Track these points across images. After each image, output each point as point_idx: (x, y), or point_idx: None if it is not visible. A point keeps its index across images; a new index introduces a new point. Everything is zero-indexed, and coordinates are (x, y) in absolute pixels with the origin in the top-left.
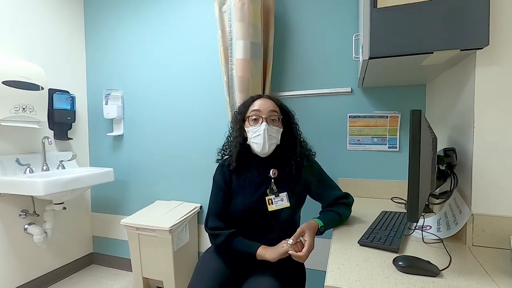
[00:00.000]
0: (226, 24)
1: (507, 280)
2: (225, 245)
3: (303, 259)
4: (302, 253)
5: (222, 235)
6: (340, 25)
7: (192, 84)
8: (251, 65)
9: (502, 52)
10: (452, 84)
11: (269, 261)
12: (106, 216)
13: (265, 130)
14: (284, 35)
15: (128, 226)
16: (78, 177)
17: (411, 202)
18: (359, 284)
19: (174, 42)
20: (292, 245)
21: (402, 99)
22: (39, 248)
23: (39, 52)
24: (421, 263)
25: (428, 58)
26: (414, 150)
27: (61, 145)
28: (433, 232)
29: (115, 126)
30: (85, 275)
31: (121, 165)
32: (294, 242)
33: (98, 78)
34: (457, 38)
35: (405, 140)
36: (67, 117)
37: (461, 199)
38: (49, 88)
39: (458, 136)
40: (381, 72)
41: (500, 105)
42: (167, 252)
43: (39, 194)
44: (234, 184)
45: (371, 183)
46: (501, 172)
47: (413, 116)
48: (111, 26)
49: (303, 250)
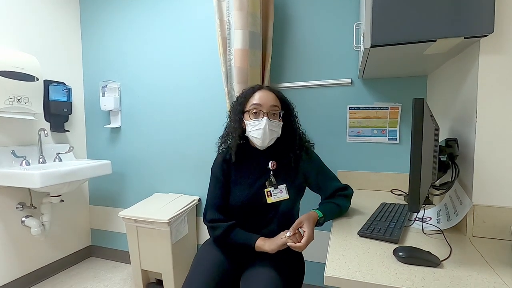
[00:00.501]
0: (225, 13)
1: (508, 270)
2: (223, 237)
3: (302, 249)
4: (300, 244)
5: (221, 227)
6: (341, 15)
7: (190, 75)
8: (250, 55)
9: (506, 40)
10: (454, 74)
11: (268, 252)
12: (105, 208)
13: (266, 125)
14: (284, 25)
15: (127, 219)
16: (75, 169)
17: (413, 191)
18: (359, 274)
19: (172, 32)
20: (290, 236)
21: (402, 91)
22: (37, 240)
23: (34, 43)
24: (421, 253)
25: (431, 47)
26: (416, 139)
27: (58, 137)
28: (433, 223)
29: (112, 118)
30: (84, 268)
31: (119, 158)
32: (292, 233)
33: (94, 70)
34: (461, 25)
35: (405, 132)
36: (63, 109)
37: (462, 190)
38: (45, 80)
39: (460, 126)
40: (382, 62)
41: (503, 95)
42: (165, 245)
43: (35, 186)
44: (233, 176)
45: (370, 175)
46: (503, 163)
47: (416, 104)
48: (108, 16)
49: (302, 241)
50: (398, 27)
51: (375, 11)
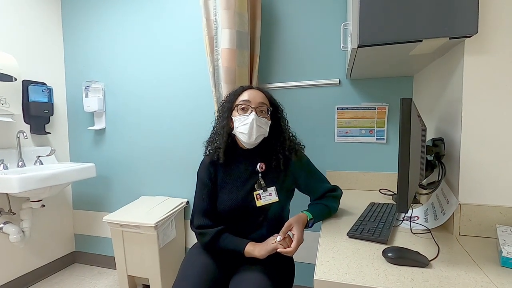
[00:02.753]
0: (211, 12)
1: (494, 268)
2: (212, 244)
3: (292, 254)
4: (290, 249)
5: (209, 233)
6: (328, 15)
7: (176, 76)
8: (238, 55)
9: (490, 41)
10: (440, 74)
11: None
12: (89, 213)
13: (254, 120)
14: (271, 26)
15: (112, 223)
16: (56, 173)
17: (401, 192)
18: (349, 276)
19: (157, 31)
20: (280, 241)
21: (389, 91)
22: (17, 248)
23: (11, 40)
24: (410, 254)
25: (417, 47)
26: (404, 139)
27: (39, 139)
28: (421, 223)
29: (96, 120)
30: (68, 275)
31: (104, 160)
32: (282, 237)
33: (77, 69)
34: (446, 26)
35: (393, 132)
36: (44, 110)
37: (448, 189)
38: (23, 80)
39: (446, 126)
40: (369, 63)
41: (488, 94)
42: (152, 249)
43: (13, 191)
44: (220, 178)
45: (359, 175)
46: (489, 161)
47: (403, 104)
48: (90, 12)
49: (291, 245)
50: (385, 27)
51: (362, 11)
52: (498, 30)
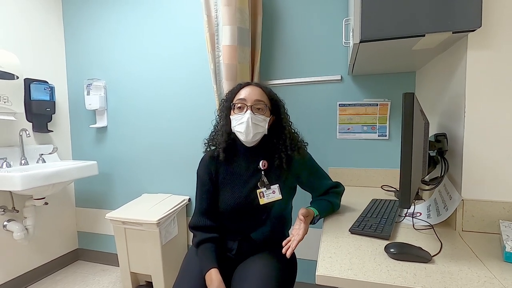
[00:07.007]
0: (212, 9)
1: (497, 263)
2: (196, 248)
3: (301, 238)
4: (299, 235)
5: (197, 237)
6: (330, 10)
7: (178, 73)
8: (239, 51)
9: (494, 35)
10: (442, 70)
11: (259, 251)
12: (91, 210)
13: (249, 119)
14: (273, 22)
15: (114, 221)
16: (59, 170)
17: (404, 187)
18: (351, 272)
19: (158, 29)
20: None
21: (391, 87)
22: (20, 245)
23: (14, 39)
24: (412, 249)
25: (420, 42)
26: (407, 135)
27: (41, 137)
28: (424, 219)
29: (98, 118)
30: (71, 272)
31: (106, 158)
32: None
33: (78, 67)
34: (449, 20)
35: (395, 128)
36: (46, 108)
37: (451, 185)
38: (25, 78)
39: (449, 121)
40: (371, 58)
41: (491, 89)
42: (155, 246)
43: (16, 189)
44: (221, 177)
45: (361, 172)
46: (492, 157)
47: (406, 99)
48: (92, 11)
49: (300, 232)
50: (387, 22)
51: (364, 6)
52: (502, 24)
